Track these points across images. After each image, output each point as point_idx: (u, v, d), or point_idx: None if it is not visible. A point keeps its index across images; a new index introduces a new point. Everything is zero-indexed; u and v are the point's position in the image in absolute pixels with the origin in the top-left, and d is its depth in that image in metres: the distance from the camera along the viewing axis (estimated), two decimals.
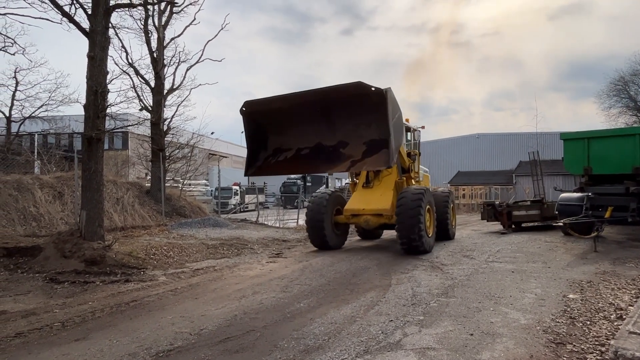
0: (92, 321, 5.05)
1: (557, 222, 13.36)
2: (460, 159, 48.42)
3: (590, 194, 12.09)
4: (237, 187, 33.82)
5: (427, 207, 9.80)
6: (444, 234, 11.75)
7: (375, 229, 11.50)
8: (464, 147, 49.24)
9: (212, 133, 31.96)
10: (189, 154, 21.94)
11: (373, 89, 6.56)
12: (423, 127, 13.22)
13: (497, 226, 16.05)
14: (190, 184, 24.61)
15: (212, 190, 31.35)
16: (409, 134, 12.41)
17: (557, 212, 13.28)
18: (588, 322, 4.70)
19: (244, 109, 7.73)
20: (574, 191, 13.67)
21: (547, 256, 9.32)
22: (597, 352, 3.87)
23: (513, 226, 15.45)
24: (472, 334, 4.32)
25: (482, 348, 3.96)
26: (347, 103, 7.19)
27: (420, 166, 12.82)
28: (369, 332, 4.45)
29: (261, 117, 8.02)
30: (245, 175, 8.27)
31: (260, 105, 7.87)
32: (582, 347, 3.99)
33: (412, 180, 11.53)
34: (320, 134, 7.70)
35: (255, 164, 8.07)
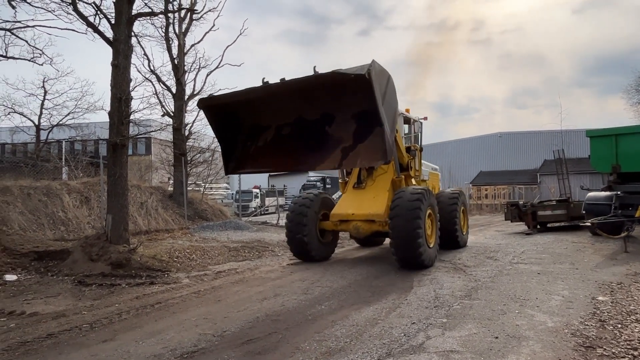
0: (119, 323, 5.18)
1: (585, 222, 12.97)
2: (482, 158, 47.62)
3: (619, 192, 11.71)
4: (258, 190, 34.10)
5: (428, 211, 8.27)
6: (452, 241, 10.22)
7: (368, 237, 9.96)
8: (485, 147, 48.40)
9: None
10: (210, 158, 22.26)
11: (352, 76, 5.42)
12: (425, 118, 11.43)
13: (521, 227, 15.70)
14: (211, 188, 24.97)
15: (233, 194, 31.70)
16: (407, 126, 10.87)
17: (584, 212, 12.92)
18: (619, 325, 4.54)
19: (202, 104, 6.62)
20: (602, 190, 13.26)
21: (575, 257, 9.06)
22: (630, 356, 3.74)
23: (538, 226, 15.10)
24: (497, 337, 4.24)
25: (508, 351, 3.88)
26: (326, 86, 6.09)
27: (426, 163, 11.43)
28: (391, 334, 4.42)
29: (228, 105, 6.82)
30: (226, 173, 6.92)
31: (224, 99, 6.70)
32: (613, 351, 3.86)
33: (413, 180, 9.89)
34: (299, 107, 6.53)
35: (234, 155, 6.86)
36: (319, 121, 6.30)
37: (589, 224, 11.46)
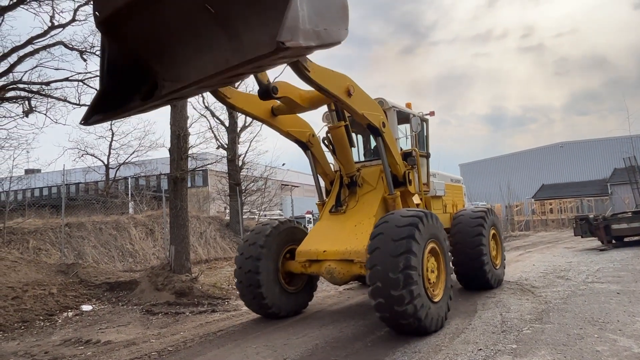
0: (184, 350, 5.35)
1: None
2: (544, 171, 45.16)
3: None
4: (310, 215, 34.37)
5: (431, 245, 5.52)
6: (479, 280, 7.50)
7: (347, 282, 6.75)
8: (546, 158, 45.94)
9: (283, 164, 33.16)
10: (263, 186, 22.91)
11: None
12: (432, 114, 8.24)
13: (593, 242, 14.55)
14: (265, 215, 25.56)
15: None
16: (405, 125, 7.78)
17: None
18: None
19: (97, 13, 3.75)
20: None
21: None
22: None
23: (613, 241, 13.91)
24: None
25: None
26: None
27: (442, 174, 8.82)
28: None
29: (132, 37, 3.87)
30: (85, 122, 4.16)
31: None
32: None
33: (414, 198, 7.00)
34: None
35: (111, 103, 4.03)
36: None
37: None
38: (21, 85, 12.59)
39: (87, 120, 4.22)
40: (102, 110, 4.17)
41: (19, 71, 12.57)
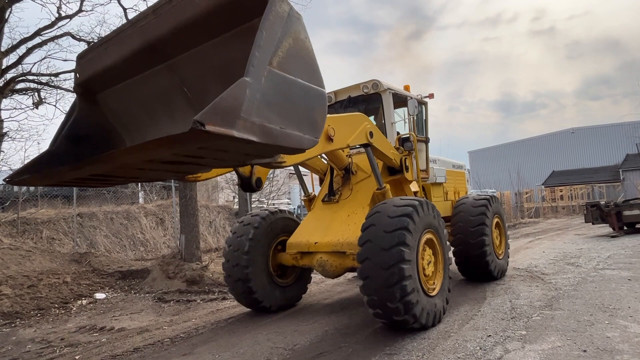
0: (196, 337, 5.45)
1: None
2: (554, 157, 44.70)
3: None
4: None
5: (427, 235, 5.19)
6: (480, 270, 7.13)
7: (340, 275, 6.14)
8: (557, 145, 45.42)
9: None
10: (272, 175, 22.96)
11: None
12: (431, 96, 7.75)
13: (604, 229, 14.43)
14: (273, 204, 25.70)
15: (294, 209, 32.32)
16: (403, 109, 7.41)
17: None
18: None
19: (77, 74, 3.59)
20: None
21: None
22: None
23: (625, 228, 13.78)
24: (585, 351, 3.91)
25: None
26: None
27: (443, 159, 8.43)
28: (466, 348, 4.23)
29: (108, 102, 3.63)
30: (9, 180, 3.32)
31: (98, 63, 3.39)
32: None
33: (411, 186, 6.68)
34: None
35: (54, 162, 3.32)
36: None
37: None
38: (30, 77, 12.69)
39: (14, 179, 3.46)
40: (37, 170, 3.47)
41: (28, 63, 12.67)
